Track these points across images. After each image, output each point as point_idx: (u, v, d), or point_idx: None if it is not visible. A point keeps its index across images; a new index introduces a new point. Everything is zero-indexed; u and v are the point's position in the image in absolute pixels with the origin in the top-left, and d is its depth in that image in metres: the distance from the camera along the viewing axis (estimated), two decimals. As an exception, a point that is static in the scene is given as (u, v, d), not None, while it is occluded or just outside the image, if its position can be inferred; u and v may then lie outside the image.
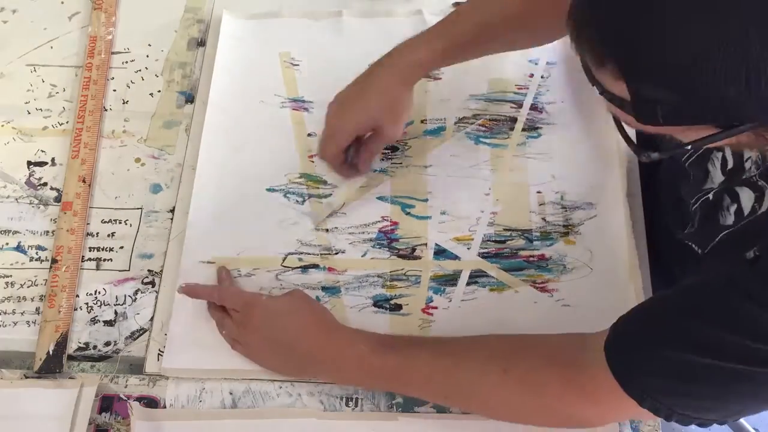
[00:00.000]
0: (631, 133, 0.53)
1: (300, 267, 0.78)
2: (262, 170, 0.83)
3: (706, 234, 0.68)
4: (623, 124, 0.52)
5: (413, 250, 0.78)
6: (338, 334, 0.71)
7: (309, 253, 0.79)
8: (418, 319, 0.75)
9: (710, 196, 0.68)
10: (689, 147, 0.49)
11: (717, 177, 0.70)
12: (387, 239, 0.79)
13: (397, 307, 0.75)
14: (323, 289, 0.77)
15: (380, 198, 0.82)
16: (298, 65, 0.90)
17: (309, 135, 0.85)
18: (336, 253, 0.79)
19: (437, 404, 0.70)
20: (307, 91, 0.88)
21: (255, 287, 0.77)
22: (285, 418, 0.70)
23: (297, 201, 0.82)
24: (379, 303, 0.76)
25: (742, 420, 1.17)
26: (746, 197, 0.63)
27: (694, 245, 0.69)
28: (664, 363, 0.55)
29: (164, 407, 0.71)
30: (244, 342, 0.72)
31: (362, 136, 0.78)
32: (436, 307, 0.75)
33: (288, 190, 0.82)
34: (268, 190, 0.82)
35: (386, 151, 0.84)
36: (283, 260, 0.78)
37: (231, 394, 0.72)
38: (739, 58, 0.40)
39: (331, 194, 0.82)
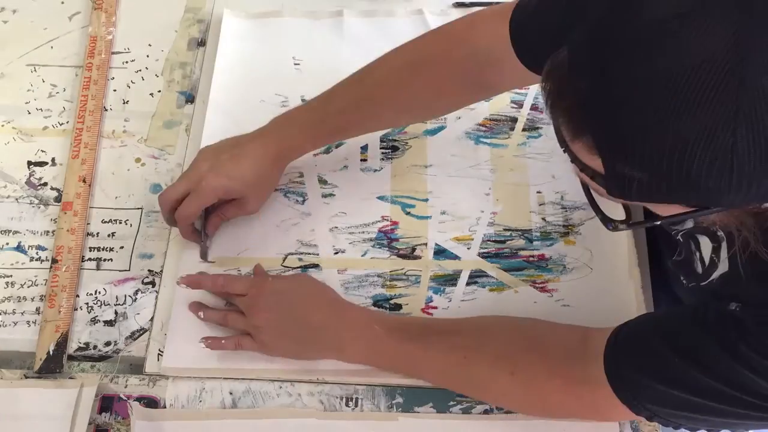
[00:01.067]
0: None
1: (300, 267, 0.78)
2: None
3: (687, 272, 0.67)
4: (592, 192, 0.51)
5: (413, 249, 0.79)
6: (351, 312, 0.71)
7: (309, 253, 0.79)
8: (418, 318, 0.76)
9: (680, 237, 0.67)
10: (658, 222, 0.48)
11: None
12: (387, 239, 0.79)
13: (397, 307, 0.75)
14: None
15: (380, 198, 0.82)
16: (298, 64, 0.90)
17: None
18: (336, 253, 0.79)
19: (437, 404, 0.70)
20: (307, 90, 0.87)
21: None
22: (285, 418, 0.70)
23: (297, 201, 0.82)
24: (379, 302, 0.76)
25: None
26: (706, 246, 0.62)
27: (681, 275, 0.69)
28: (659, 393, 0.57)
29: (164, 407, 0.71)
30: (253, 327, 0.70)
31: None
32: (435, 307, 0.75)
33: (288, 190, 0.82)
34: None
35: (386, 151, 0.84)
36: (283, 260, 0.78)
37: (231, 394, 0.72)
38: (724, 154, 0.39)
39: (332, 194, 0.82)
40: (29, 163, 0.85)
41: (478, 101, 0.80)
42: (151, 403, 0.72)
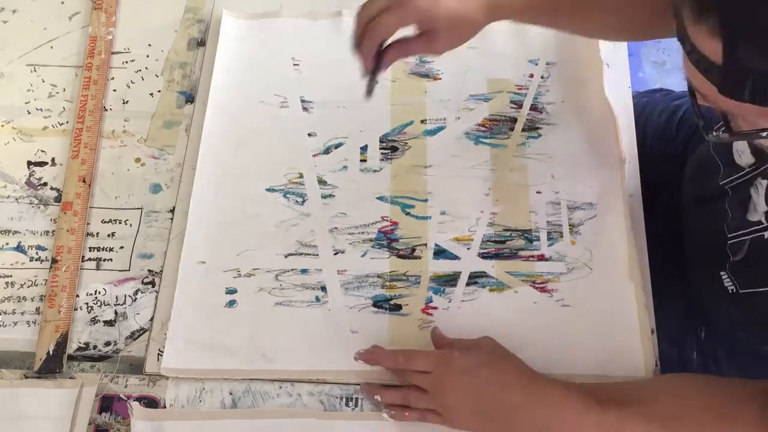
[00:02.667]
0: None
1: (300, 267, 0.78)
2: (262, 170, 0.83)
3: (758, 277, 0.65)
4: (697, 95, 0.49)
5: (413, 250, 0.79)
6: (546, 388, 0.66)
7: (309, 254, 0.79)
8: (418, 319, 0.75)
9: (765, 234, 0.65)
10: (764, 134, 0.46)
11: (761, 206, 0.67)
12: (387, 239, 0.80)
13: (397, 308, 0.76)
14: (322, 289, 0.77)
15: (380, 198, 0.82)
16: (298, 65, 0.90)
17: (309, 135, 0.85)
18: (336, 254, 0.79)
19: None
20: (307, 91, 0.88)
21: (255, 287, 0.77)
22: (285, 418, 0.70)
23: (296, 201, 0.82)
24: (379, 303, 0.76)
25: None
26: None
27: (731, 283, 0.67)
28: None
29: (164, 407, 0.72)
30: (442, 405, 0.67)
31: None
32: (435, 308, 0.76)
33: (287, 191, 0.82)
34: (268, 190, 0.82)
35: (386, 151, 0.84)
36: (284, 260, 0.78)
37: (231, 394, 0.72)
38: None
39: (332, 194, 0.82)
40: (29, 163, 0.85)
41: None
42: (151, 403, 0.72)
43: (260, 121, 0.87)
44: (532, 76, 0.88)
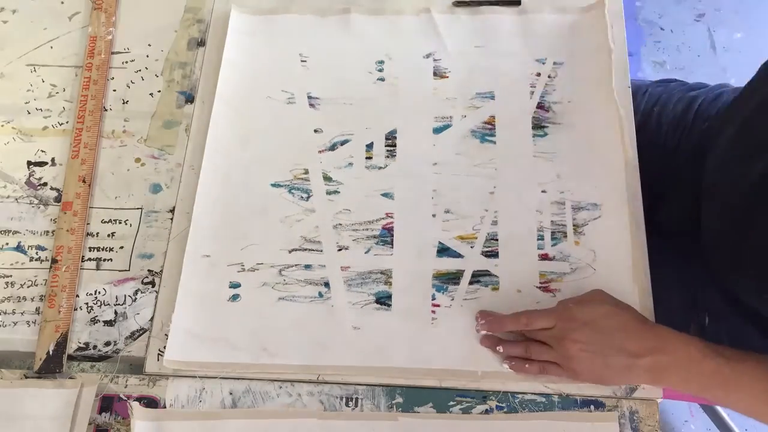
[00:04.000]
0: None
1: (303, 263, 0.78)
2: (267, 166, 0.83)
3: None
4: None
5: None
6: (665, 337, 0.68)
7: (312, 250, 0.79)
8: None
9: None
10: None
11: None
12: (390, 236, 0.79)
13: (399, 305, 0.77)
14: (325, 284, 0.77)
15: (384, 195, 0.82)
16: (305, 61, 0.90)
17: (315, 131, 0.85)
18: (340, 250, 0.79)
19: (437, 404, 0.70)
20: (314, 88, 0.88)
21: (258, 282, 0.77)
22: (285, 418, 0.70)
23: (301, 197, 0.82)
24: (381, 300, 0.76)
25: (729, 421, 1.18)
26: None
27: None
28: None
29: (164, 407, 0.72)
30: (564, 357, 0.69)
31: None
32: (438, 305, 0.75)
33: (293, 186, 0.82)
34: (273, 185, 0.82)
35: (391, 148, 0.84)
36: (287, 256, 0.78)
37: (231, 394, 0.72)
38: None
39: (337, 191, 0.82)
40: (29, 163, 0.85)
41: None
42: (151, 403, 0.72)
43: (267, 116, 0.86)
44: (539, 75, 0.87)
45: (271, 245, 0.79)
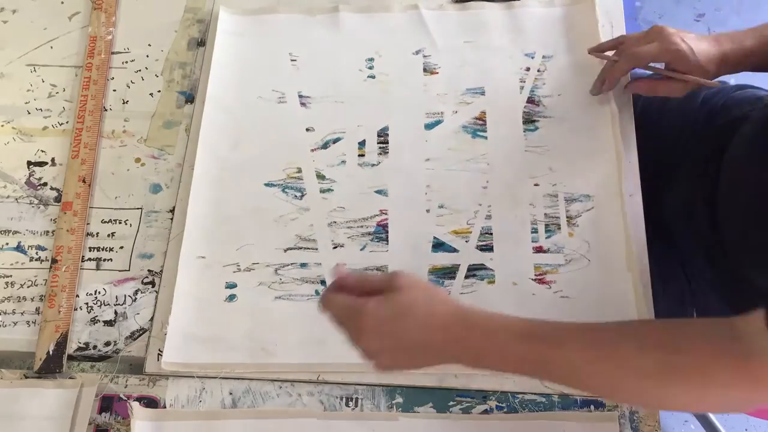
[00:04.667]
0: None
1: (299, 261, 0.75)
2: (260, 165, 0.80)
3: None
4: None
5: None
6: (472, 322, 0.59)
7: (308, 248, 0.76)
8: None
9: None
10: None
11: None
12: (385, 233, 0.77)
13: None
14: (322, 282, 0.74)
15: (378, 192, 0.79)
16: (295, 60, 0.86)
17: (307, 130, 0.82)
18: (335, 247, 0.76)
19: (437, 404, 0.67)
20: (304, 87, 0.85)
21: (254, 282, 0.74)
22: (285, 418, 0.67)
23: (295, 196, 0.79)
24: None
25: (715, 422, 1.16)
26: None
27: None
28: None
29: (164, 407, 0.68)
30: (368, 352, 0.59)
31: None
32: None
33: (286, 185, 0.79)
34: (267, 185, 0.79)
35: (384, 146, 0.81)
36: (283, 255, 0.76)
37: (231, 394, 0.69)
38: None
39: (330, 189, 0.79)
40: (29, 163, 0.82)
41: None
42: (151, 403, 0.69)
43: (258, 116, 0.83)
44: (528, 69, 0.84)
45: (266, 245, 0.76)
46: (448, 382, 0.69)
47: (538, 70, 0.84)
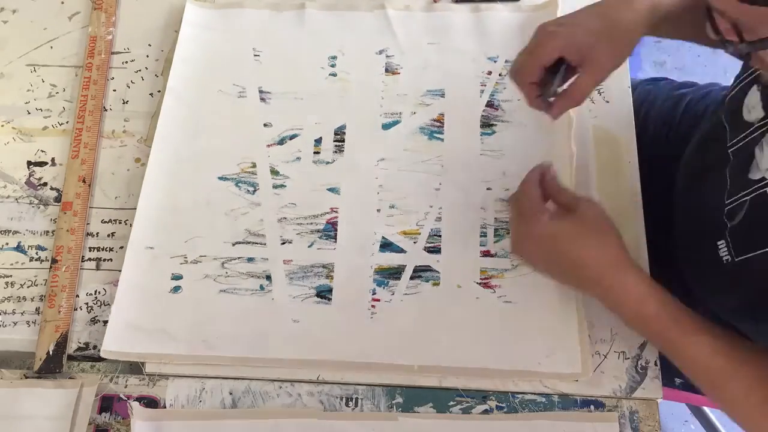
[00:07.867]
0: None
1: (247, 256, 0.67)
2: (216, 159, 0.70)
3: (757, 239, 0.53)
4: (715, 15, 0.43)
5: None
6: (628, 275, 0.59)
7: (256, 243, 0.67)
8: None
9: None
10: None
11: (764, 163, 0.56)
12: (334, 230, 0.67)
13: (339, 298, 0.57)
14: (267, 278, 0.65)
15: (330, 189, 0.70)
16: (258, 56, 0.75)
17: (265, 125, 0.72)
18: (283, 243, 0.67)
19: (437, 404, 0.59)
20: (266, 82, 0.74)
21: (201, 274, 0.65)
22: (285, 418, 0.57)
23: (248, 191, 0.69)
24: (322, 293, 0.64)
25: (715, 422, 1.14)
26: None
27: (726, 252, 0.57)
28: None
29: (164, 407, 0.57)
30: (524, 250, 0.62)
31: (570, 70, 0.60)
32: (378, 300, 0.64)
33: (240, 180, 0.69)
34: (220, 178, 0.69)
35: (339, 144, 0.72)
36: (231, 249, 0.67)
37: (231, 394, 0.59)
38: None
39: (283, 185, 0.70)
40: (29, 163, 0.70)
41: None
42: (151, 403, 0.58)
43: (217, 109, 0.72)
44: (490, 73, 0.75)
45: (215, 238, 0.66)
46: (448, 382, 0.59)
47: (500, 75, 0.74)
